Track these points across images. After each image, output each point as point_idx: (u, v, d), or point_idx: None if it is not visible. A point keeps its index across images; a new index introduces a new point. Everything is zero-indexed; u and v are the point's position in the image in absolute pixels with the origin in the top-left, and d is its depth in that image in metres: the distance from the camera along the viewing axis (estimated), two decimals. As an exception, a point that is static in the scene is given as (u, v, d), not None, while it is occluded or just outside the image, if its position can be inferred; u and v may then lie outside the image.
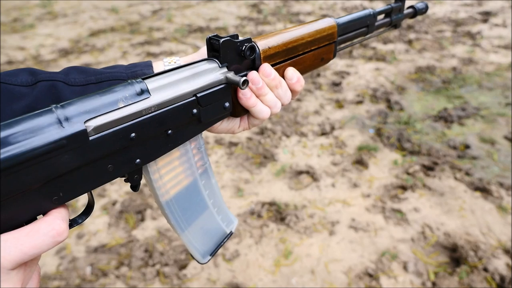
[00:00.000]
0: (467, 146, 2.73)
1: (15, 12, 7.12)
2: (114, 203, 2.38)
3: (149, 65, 0.62)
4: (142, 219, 2.25)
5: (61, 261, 2.02)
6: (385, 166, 2.59)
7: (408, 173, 2.50)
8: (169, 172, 0.56)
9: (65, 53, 5.04)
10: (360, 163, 2.63)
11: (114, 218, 2.27)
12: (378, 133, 2.96)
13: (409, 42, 4.70)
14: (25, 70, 0.57)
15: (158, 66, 0.63)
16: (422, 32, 4.98)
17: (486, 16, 5.46)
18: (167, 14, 6.56)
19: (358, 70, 4.03)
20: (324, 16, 5.95)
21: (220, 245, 0.64)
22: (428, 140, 2.84)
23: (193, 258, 0.62)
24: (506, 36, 4.66)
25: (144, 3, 7.47)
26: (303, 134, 2.98)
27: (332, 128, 3.04)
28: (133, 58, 4.74)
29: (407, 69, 4.01)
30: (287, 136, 2.97)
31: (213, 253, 0.63)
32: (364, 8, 0.80)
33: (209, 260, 0.63)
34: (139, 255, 2.01)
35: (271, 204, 2.31)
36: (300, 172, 2.58)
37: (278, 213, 2.24)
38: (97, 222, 2.25)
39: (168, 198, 0.56)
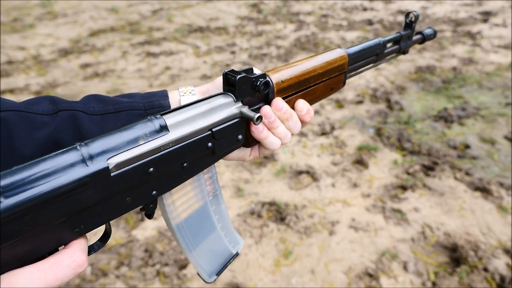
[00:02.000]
0: (467, 146, 2.73)
1: (15, 12, 7.12)
2: (114, 203, 2.38)
3: (165, 95, 0.63)
4: (142, 219, 2.25)
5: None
6: (385, 166, 2.59)
7: (408, 173, 2.50)
8: (181, 199, 0.58)
9: (65, 53, 5.04)
10: (360, 163, 2.63)
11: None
12: (378, 133, 2.96)
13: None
14: (46, 98, 0.59)
15: (173, 95, 0.64)
16: (422, 32, 4.98)
17: (486, 16, 5.46)
18: (167, 14, 6.56)
19: (358, 70, 4.02)
20: (325, 16, 5.95)
21: (226, 265, 0.67)
22: (428, 140, 2.84)
23: (200, 277, 0.64)
24: (506, 36, 4.66)
25: (144, 3, 7.47)
26: (303, 134, 2.98)
27: (332, 128, 3.04)
28: (133, 58, 4.74)
29: (407, 69, 4.01)
30: (287, 136, 2.97)
31: (219, 273, 0.66)
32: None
33: (215, 280, 0.65)
34: (139, 255, 2.01)
35: (271, 204, 2.31)
36: (300, 172, 2.58)
37: (278, 213, 2.24)
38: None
39: (179, 222, 0.59)
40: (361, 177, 2.50)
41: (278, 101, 0.62)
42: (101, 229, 0.52)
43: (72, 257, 0.41)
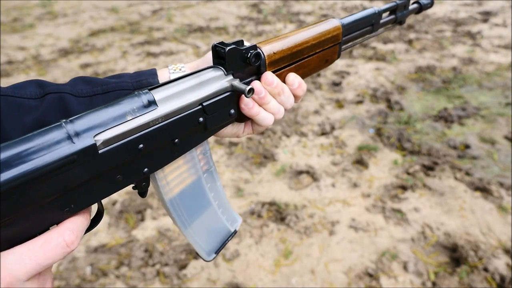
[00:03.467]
0: (467, 146, 2.73)
1: (15, 12, 7.12)
2: (114, 203, 2.38)
3: (154, 73, 0.63)
4: (142, 219, 2.25)
5: (61, 261, 2.01)
6: (385, 166, 2.59)
7: (408, 173, 2.50)
8: (173, 173, 0.57)
9: (65, 53, 5.04)
10: (360, 163, 2.63)
11: (114, 218, 2.27)
12: (378, 133, 2.96)
13: (409, 42, 4.70)
14: (32, 82, 0.58)
15: (163, 73, 0.63)
16: (422, 32, 4.98)
17: (486, 16, 5.46)
18: (167, 14, 6.56)
19: (358, 70, 4.03)
20: (325, 16, 5.95)
21: (224, 243, 0.66)
22: (428, 140, 2.84)
23: (199, 256, 0.64)
24: (506, 36, 4.66)
25: (144, 3, 7.47)
26: (303, 134, 2.98)
27: (332, 128, 3.04)
28: (133, 58, 4.74)
29: (407, 69, 4.01)
30: (287, 136, 2.97)
31: (218, 251, 0.64)
32: (365, 8, 0.79)
33: (214, 258, 0.64)
34: (139, 255, 2.01)
35: (271, 204, 2.31)
36: (300, 172, 2.58)
37: (278, 213, 2.24)
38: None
39: (172, 197, 0.58)
40: (361, 177, 2.50)
41: (268, 75, 0.60)
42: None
43: (62, 236, 0.40)
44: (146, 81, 0.61)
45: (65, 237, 0.40)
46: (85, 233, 0.46)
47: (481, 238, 1.99)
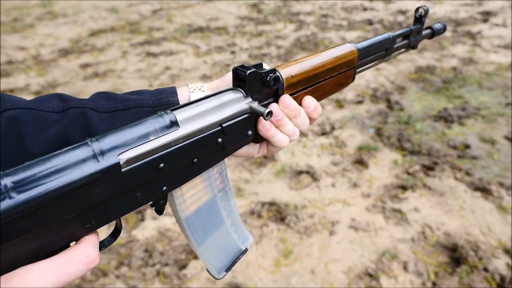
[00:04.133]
0: (467, 146, 2.73)
1: (15, 12, 7.12)
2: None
3: (174, 91, 0.63)
4: (142, 219, 2.25)
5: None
6: (385, 166, 2.59)
7: (408, 173, 2.50)
8: (192, 196, 0.58)
9: (65, 53, 5.04)
10: (360, 163, 2.63)
11: (114, 218, 2.27)
12: (378, 133, 2.96)
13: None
14: (55, 96, 0.59)
15: (183, 92, 0.64)
16: (422, 32, 4.98)
17: (486, 16, 5.46)
18: (167, 14, 6.56)
19: (358, 70, 4.02)
20: (325, 16, 5.95)
21: (235, 261, 0.67)
22: (428, 140, 2.84)
23: (209, 273, 0.65)
24: (506, 36, 4.66)
25: (144, 3, 7.47)
26: (303, 134, 2.98)
27: (332, 128, 3.04)
28: (133, 58, 4.74)
29: (407, 69, 4.01)
30: (287, 136, 2.97)
31: (228, 269, 0.65)
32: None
33: (224, 276, 0.65)
34: (139, 255, 2.01)
35: (271, 204, 2.31)
36: (300, 172, 2.58)
37: (278, 213, 2.24)
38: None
39: (188, 215, 0.59)
40: (361, 177, 2.50)
41: (286, 98, 0.61)
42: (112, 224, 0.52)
43: (85, 253, 0.41)
44: (166, 99, 0.62)
45: (87, 253, 0.42)
46: (101, 250, 0.48)
47: (481, 238, 1.99)
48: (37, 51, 5.13)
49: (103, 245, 0.49)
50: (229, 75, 0.62)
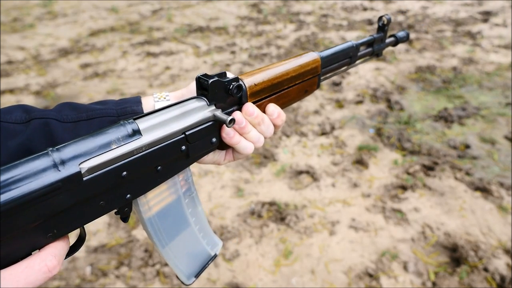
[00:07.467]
0: (467, 146, 2.73)
1: (15, 12, 7.12)
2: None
3: (138, 101, 0.64)
4: (142, 219, 2.25)
5: (61, 261, 2.01)
6: (385, 166, 2.59)
7: (408, 173, 2.50)
8: (158, 203, 0.59)
9: (65, 53, 5.04)
10: (360, 163, 2.62)
11: (114, 218, 2.27)
12: (378, 133, 2.95)
13: (409, 42, 4.70)
14: (18, 107, 0.59)
15: (147, 101, 0.65)
16: (422, 32, 4.98)
17: (487, 15, 5.46)
18: (167, 14, 6.56)
19: (358, 70, 4.03)
20: (325, 16, 5.95)
21: (204, 267, 0.67)
22: (428, 140, 2.84)
23: (179, 279, 0.65)
24: (506, 36, 4.66)
25: (144, 3, 7.47)
26: (303, 134, 2.98)
27: (332, 128, 3.04)
28: (133, 58, 4.74)
29: (407, 69, 4.01)
30: (287, 136, 2.97)
31: (197, 275, 0.66)
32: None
33: (193, 282, 0.65)
34: (139, 255, 2.01)
35: (271, 204, 2.31)
36: (300, 172, 2.58)
37: (278, 213, 2.24)
38: (97, 222, 2.25)
39: (151, 215, 0.59)
40: (361, 177, 2.49)
41: (249, 106, 0.62)
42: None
43: (44, 261, 0.41)
44: (130, 108, 0.63)
45: (47, 262, 0.42)
46: (65, 258, 0.47)
47: (481, 238, 1.99)
48: (37, 51, 5.13)
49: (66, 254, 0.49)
50: (194, 84, 0.63)
